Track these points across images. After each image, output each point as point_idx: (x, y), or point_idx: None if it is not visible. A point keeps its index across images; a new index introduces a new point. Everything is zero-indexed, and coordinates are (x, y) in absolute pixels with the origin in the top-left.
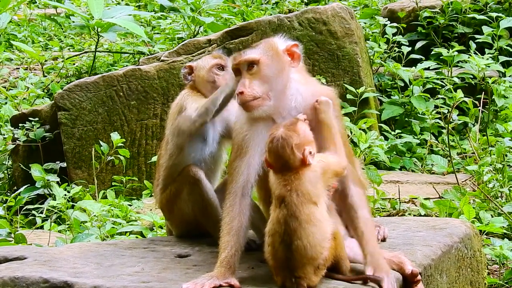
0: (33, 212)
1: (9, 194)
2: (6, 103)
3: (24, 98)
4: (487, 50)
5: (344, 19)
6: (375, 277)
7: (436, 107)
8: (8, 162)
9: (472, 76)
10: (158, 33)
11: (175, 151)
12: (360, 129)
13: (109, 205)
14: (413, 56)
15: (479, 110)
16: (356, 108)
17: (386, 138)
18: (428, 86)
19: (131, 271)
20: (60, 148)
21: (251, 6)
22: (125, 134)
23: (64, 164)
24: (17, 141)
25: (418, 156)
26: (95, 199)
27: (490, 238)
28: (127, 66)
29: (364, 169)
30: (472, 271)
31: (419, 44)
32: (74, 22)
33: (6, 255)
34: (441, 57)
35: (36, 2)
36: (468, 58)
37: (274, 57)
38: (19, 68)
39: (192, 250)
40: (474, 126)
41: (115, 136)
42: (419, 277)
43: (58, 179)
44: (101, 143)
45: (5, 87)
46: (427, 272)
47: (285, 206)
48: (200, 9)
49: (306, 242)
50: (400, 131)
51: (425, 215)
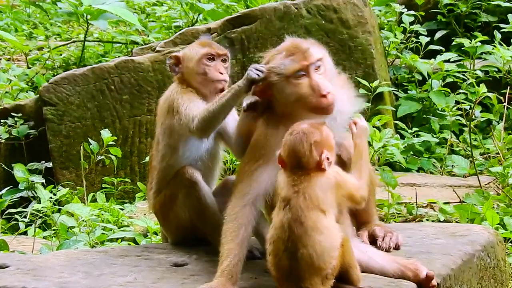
0: (15, 216)
1: None
2: None
3: (6, 92)
4: None
5: (357, 6)
6: None
7: (457, 103)
8: None
9: (496, 69)
10: (153, 21)
11: (167, 152)
12: (373, 126)
13: (99, 209)
14: (432, 47)
15: (504, 106)
16: (369, 104)
17: (402, 137)
18: (449, 80)
19: (123, 281)
20: (45, 147)
21: None
22: (116, 131)
23: (50, 164)
24: None
25: (437, 156)
26: (83, 202)
27: None
28: (119, 57)
29: (378, 170)
30: (496, 282)
31: (438, 34)
32: (61, 8)
33: None
34: (462, 48)
35: None
36: (492, 49)
37: (326, 55)
38: (0, 59)
39: (189, 259)
40: (499, 123)
41: (106, 134)
42: (434, 281)
43: (43, 181)
44: (90, 141)
45: None
46: (446, 283)
47: (289, 210)
48: None
49: (312, 250)
50: (417, 129)
51: (444, 221)
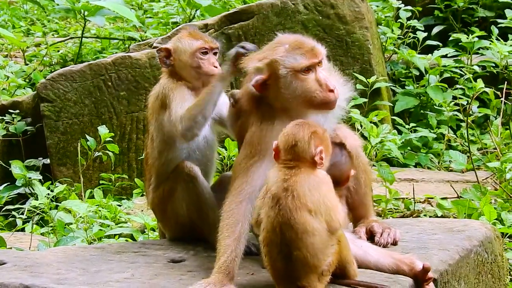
0: (13, 213)
1: None
2: None
3: (3, 89)
4: (510, 36)
5: (354, 1)
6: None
7: (455, 98)
8: None
9: (493, 65)
10: (150, 17)
11: (164, 147)
12: (371, 122)
13: (96, 205)
14: (429, 42)
15: (502, 101)
16: (366, 100)
17: (400, 132)
18: (446, 75)
19: (120, 278)
20: (43, 143)
21: None
22: (114, 127)
23: (47, 161)
24: None
25: (435, 152)
26: (81, 198)
27: None
28: (116, 53)
29: (375, 166)
30: (493, 277)
31: (436, 29)
32: (58, 5)
33: None
34: (460, 43)
35: None
36: (490, 44)
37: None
38: None
39: (187, 255)
40: (496, 119)
41: (103, 130)
42: (430, 274)
43: (41, 177)
44: (87, 137)
45: None
46: (444, 279)
47: (279, 211)
48: None
49: (305, 252)
50: (415, 125)
51: (442, 217)
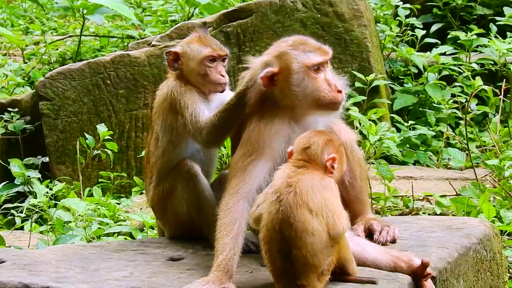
0: (12, 211)
1: None
2: None
3: (2, 87)
4: (509, 34)
5: None
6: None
7: (453, 96)
8: None
9: (492, 62)
10: (149, 15)
11: (170, 147)
12: (369, 120)
13: (95, 203)
14: (428, 40)
15: (500, 99)
16: (365, 97)
17: (399, 130)
18: (444, 73)
19: (119, 276)
20: (41, 141)
21: None
22: (112, 126)
23: (46, 159)
24: None
25: (434, 149)
26: (80, 197)
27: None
28: (115, 51)
29: (374, 163)
30: (492, 275)
31: (434, 27)
32: (57, 3)
33: None
34: (458, 41)
35: None
36: (488, 42)
37: None
38: None
39: (186, 253)
40: (495, 116)
41: (102, 128)
42: (429, 270)
43: (40, 175)
44: (86, 135)
45: None
46: (443, 277)
47: (279, 207)
48: None
49: (305, 251)
50: (413, 122)
51: (440, 214)
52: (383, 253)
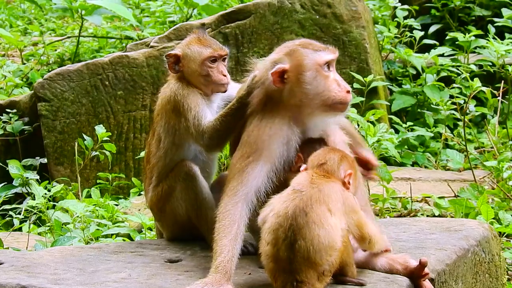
0: (10, 212)
1: None
2: None
3: (0, 88)
4: (507, 35)
5: (351, 0)
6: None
7: (452, 97)
8: None
9: (490, 63)
10: (147, 16)
11: (172, 148)
12: (368, 121)
13: (93, 205)
14: (426, 41)
15: (499, 100)
16: (363, 99)
17: (397, 131)
18: (443, 74)
19: (117, 278)
20: (40, 143)
21: None
22: (111, 127)
23: (45, 160)
24: None
25: (432, 151)
26: (78, 198)
27: (510, 241)
28: (113, 52)
29: None
30: (491, 277)
31: (432, 28)
32: (56, 4)
33: None
34: (456, 42)
35: None
36: (487, 43)
37: None
38: None
39: (184, 255)
40: (493, 117)
41: (100, 129)
42: (427, 270)
43: (38, 177)
44: (84, 137)
45: None
46: (441, 279)
47: (300, 198)
48: None
49: (309, 244)
50: (412, 124)
51: (439, 216)
52: (378, 255)
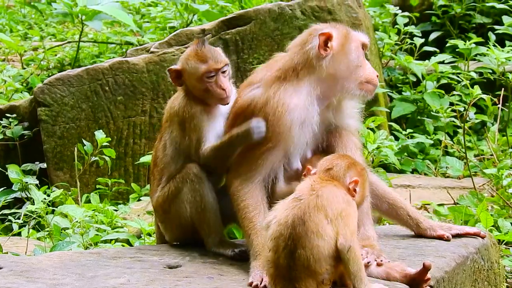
0: (9, 217)
1: None
2: None
3: (0, 92)
4: (507, 42)
5: (351, 7)
6: None
7: (452, 104)
8: None
9: (491, 71)
10: (148, 21)
11: (177, 154)
12: (368, 128)
13: (92, 210)
14: (426, 48)
15: (499, 108)
16: (363, 105)
17: (397, 138)
18: (443, 81)
19: (116, 283)
20: (39, 148)
21: None
22: (110, 132)
23: (44, 165)
24: None
25: (432, 158)
26: (77, 203)
27: (509, 249)
28: (113, 58)
29: (372, 172)
30: (490, 284)
31: (433, 36)
32: (56, 9)
33: None
34: (457, 49)
35: None
36: (487, 51)
37: None
38: None
39: (183, 260)
40: (493, 125)
41: (100, 135)
42: (429, 275)
43: (37, 182)
44: (84, 142)
45: None
46: (440, 286)
47: (298, 204)
48: None
49: (309, 253)
50: (411, 131)
51: None
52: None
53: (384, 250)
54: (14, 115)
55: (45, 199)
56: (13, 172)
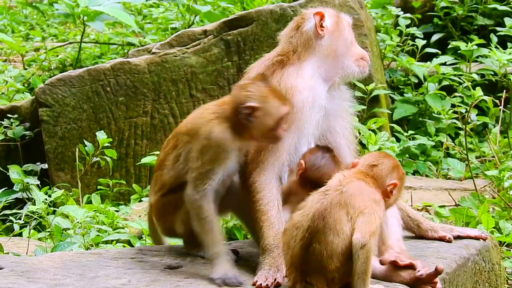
0: (10, 217)
1: None
2: None
3: (2, 93)
4: (509, 44)
5: (353, 8)
6: None
7: (453, 106)
8: None
9: (492, 73)
10: (149, 22)
11: (186, 173)
12: (369, 129)
13: (94, 210)
14: (428, 50)
15: (500, 109)
16: (365, 107)
17: (398, 140)
18: (445, 83)
19: (117, 284)
20: (41, 148)
21: None
22: (112, 133)
23: (45, 166)
24: None
25: (433, 159)
26: (78, 204)
27: (510, 250)
28: (115, 58)
29: None
30: (491, 286)
31: (435, 37)
32: (58, 10)
33: None
34: (459, 51)
35: None
36: (489, 52)
37: None
38: None
39: (184, 261)
40: (495, 127)
41: (101, 135)
42: (437, 279)
43: (39, 182)
44: (85, 142)
45: None
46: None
47: (322, 199)
48: None
49: (323, 249)
50: (413, 132)
51: None
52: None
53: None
54: (16, 116)
55: (46, 199)
56: (14, 172)
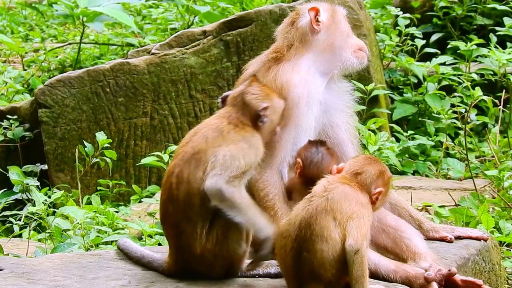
0: (10, 219)
1: None
2: None
3: (1, 94)
4: (508, 44)
5: (352, 9)
6: None
7: (453, 106)
8: None
9: (492, 72)
10: (149, 23)
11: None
12: (369, 129)
13: (93, 211)
14: (427, 50)
15: (500, 109)
16: (365, 107)
17: (398, 140)
18: (444, 83)
19: (117, 285)
20: (40, 149)
21: None
22: (111, 134)
23: (45, 167)
24: None
25: (433, 159)
26: (78, 205)
27: (511, 250)
28: (114, 59)
29: None
30: (491, 286)
31: (434, 37)
32: (57, 10)
33: None
34: (458, 51)
35: None
36: (488, 52)
37: None
38: None
39: None
40: (494, 127)
41: (101, 136)
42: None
43: (38, 183)
44: (85, 143)
45: None
46: None
47: (307, 206)
48: None
49: (313, 257)
50: (413, 132)
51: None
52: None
53: None
54: (15, 117)
55: (46, 200)
56: (14, 173)
